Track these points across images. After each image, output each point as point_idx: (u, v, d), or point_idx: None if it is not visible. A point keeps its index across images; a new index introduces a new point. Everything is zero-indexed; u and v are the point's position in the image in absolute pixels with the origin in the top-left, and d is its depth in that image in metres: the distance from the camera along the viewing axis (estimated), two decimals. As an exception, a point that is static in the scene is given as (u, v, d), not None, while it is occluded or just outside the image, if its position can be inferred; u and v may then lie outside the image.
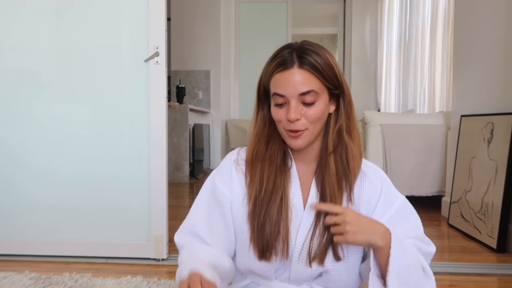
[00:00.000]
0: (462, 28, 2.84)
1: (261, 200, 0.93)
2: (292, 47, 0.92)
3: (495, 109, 2.43)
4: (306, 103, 0.89)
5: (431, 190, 3.19)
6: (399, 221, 0.96)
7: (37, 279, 1.73)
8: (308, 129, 0.91)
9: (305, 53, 0.89)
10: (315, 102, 0.90)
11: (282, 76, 0.89)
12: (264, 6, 6.29)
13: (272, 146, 0.96)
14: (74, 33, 2.06)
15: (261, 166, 0.95)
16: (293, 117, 0.88)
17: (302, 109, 0.90)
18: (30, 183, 2.09)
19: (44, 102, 2.09)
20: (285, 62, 0.90)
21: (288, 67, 0.89)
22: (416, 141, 3.22)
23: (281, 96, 0.90)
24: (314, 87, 0.89)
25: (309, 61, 0.89)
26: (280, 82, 0.90)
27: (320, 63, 0.89)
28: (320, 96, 0.90)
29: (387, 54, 5.70)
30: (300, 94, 0.89)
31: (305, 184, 0.96)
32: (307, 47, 0.91)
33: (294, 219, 0.93)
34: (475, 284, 1.76)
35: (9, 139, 2.09)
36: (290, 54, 0.90)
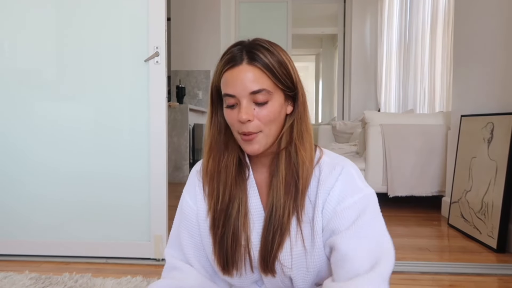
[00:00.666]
0: (462, 28, 2.84)
1: (219, 212, 0.89)
2: (243, 44, 0.86)
3: (495, 109, 2.43)
4: (258, 102, 0.83)
5: (431, 190, 3.19)
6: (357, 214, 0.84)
7: (37, 279, 1.73)
8: (263, 131, 0.84)
9: (255, 49, 0.84)
10: (268, 102, 0.83)
11: (231, 74, 0.83)
12: (264, 6, 6.29)
13: (227, 154, 0.90)
14: (74, 33, 2.06)
15: (217, 177, 0.90)
16: (244, 117, 0.81)
17: (255, 109, 0.83)
18: (30, 183, 2.09)
19: (44, 102, 2.09)
20: (233, 58, 0.83)
21: (237, 63, 0.83)
22: (416, 141, 3.22)
23: (231, 97, 0.83)
24: (265, 85, 0.82)
25: (259, 57, 0.83)
26: (230, 80, 0.83)
27: (272, 60, 0.83)
28: (273, 95, 0.84)
29: (387, 54, 5.70)
30: (250, 92, 0.82)
31: (263, 191, 0.92)
32: (257, 43, 0.86)
33: (254, 229, 0.89)
34: (475, 284, 1.76)
35: (9, 138, 2.09)
36: (240, 51, 0.84)
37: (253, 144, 0.85)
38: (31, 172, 2.09)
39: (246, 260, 0.89)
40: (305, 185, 0.87)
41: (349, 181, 0.87)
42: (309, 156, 0.87)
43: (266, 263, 0.87)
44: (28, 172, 2.09)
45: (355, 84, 6.41)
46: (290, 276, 0.88)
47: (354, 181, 0.87)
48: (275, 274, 0.88)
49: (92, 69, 2.06)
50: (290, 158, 0.87)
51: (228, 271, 0.89)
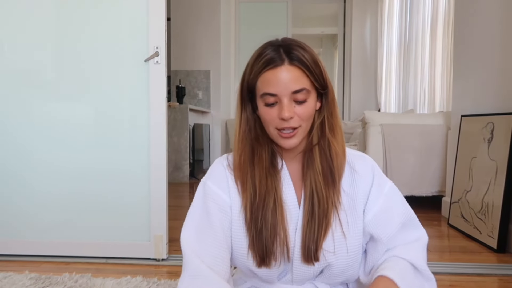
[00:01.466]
0: (462, 28, 2.84)
1: (256, 206, 0.91)
2: (277, 44, 0.89)
3: (495, 109, 2.43)
4: (298, 101, 0.87)
5: (431, 190, 3.19)
6: (390, 205, 0.96)
7: (37, 279, 1.73)
8: (301, 126, 0.89)
9: (293, 48, 0.87)
10: (306, 100, 0.88)
11: (272, 74, 0.86)
12: (264, 6, 6.29)
13: (259, 149, 0.93)
14: (74, 32, 2.06)
15: (251, 171, 0.92)
16: (287, 115, 0.86)
17: (294, 107, 0.87)
18: (30, 184, 2.09)
19: (45, 102, 2.08)
20: (273, 59, 0.86)
21: (278, 64, 0.86)
22: (416, 141, 3.22)
23: (272, 96, 0.87)
24: (305, 85, 0.87)
25: (298, 57, 0.86)
26: (270, 80, 0.86)
27: (308, 59, 0.87)
28: (310, 93, 0.88)
29: (387, 54, 5.70)
30: (292, 92, 0.86)
31: (297, 182, 0.95)
32: (292, 43, 0.89)
33: (291, 220, 0.92)
34: (475, 284, 1.76)
35: (9, 138, 2.09)
36: (277, 51, 0.87)
37: (292, 139, 0.89)
38: (31, 172, 2.09)
39: (284, 251, 0.91)
40: (340, 176, 0.93)
41: (379, 171, 0.98)
42: (341, 148, 0.93)
43: (309, 252, 0.90)
44: (28, 172, 2.09)
45: (355, 84, 6.41)
46: (331, 262, 0.92)
47: (381, 172, 1.00)
48: (318, 261, 0.91)
49: (92, 69, 2.06)
50: (324, 151, 0.92)
51: (266, 263, 0.91)
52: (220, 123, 5.75)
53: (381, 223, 0.94)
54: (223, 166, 0.97)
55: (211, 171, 0.98)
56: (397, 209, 0.97)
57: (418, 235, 1.01)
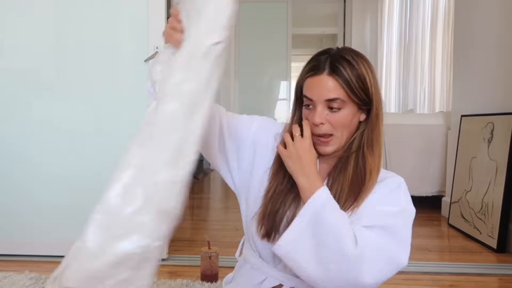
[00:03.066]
0: (462, 28, 2.84)
1: (281, 190, 0.96)
2: (329, 53, 0.94)
3: (495, 109, 2.43)
4: (331, 108, 0.92)
5: (431, 190, 3.19)
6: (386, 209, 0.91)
7: (37, 279, 1.73)
8: (334, 135, 0.93)
9: (338, 62, 0.92)
10: (340, 109, 0.92)
11: (312, 80, 0.93)
12: (264, 6, 6.28)
13: None
14: (74, 32, 2.06)
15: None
16: (317, 120, 0.91)
17: (328, 114, 0.92)
18: (30, 183, 2.09)
19: (44, 102, 2.08)
20: (317, 67, 0.93)
21: (319, 72, 0.92)
22: (416, 141, 3.22)
23: (309, 99, 0.94)
24: (340, 95, 0.91)
25: (340, 70, 0.91)
26: (310, 86, 0.93)
27: (351, 74, 0.91)
28: (346, 104, 0.92)
29: (387, 54, 5.70)
30: (326, 100, 0.91)
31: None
32: (343, 55, 0.93)
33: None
34: (475, 284, 1.76)
35: (9, 138, 2.09)
36: (324, 61, 0.93)
37: (327, 146, 0.94)
38: (31, 172, 2.09)
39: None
40: (366, 193, 0.93)
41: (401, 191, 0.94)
42: (376, 165, 0.94)
43: None
44: (28, 172, 2.09)
45: (355, 84, 6.41)
46: None
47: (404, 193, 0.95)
48: None
49: (92, 69, 2.06)
50: (358, 162, 0.94)
51: (269, 237, 0.95)
52: (220, 123, 5.74)
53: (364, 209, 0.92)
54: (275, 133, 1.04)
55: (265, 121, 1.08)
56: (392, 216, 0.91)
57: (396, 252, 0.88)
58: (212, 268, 1.76)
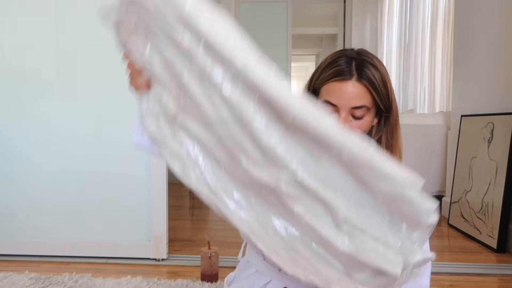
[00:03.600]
0: (462, 28, 2.84)
1: None
2: (350, 56, 0.90)
3: (495, 109, 2.43)
4: (355, 116, 0.89)
5: (431, 190, 3.19)
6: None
7: (37, 279, 1.73)
8: None
9: (365, 66, 0.88)
10: (363, 117, 0.89)
11: (338, 86, 0.88)
12: (264, 6, 6.28)
13: None
14: (74, 32, 2.06)
15: None
16: None
17: (351, 121, 0.89)
18: (30, 183, 2.09)
19: (43, 103, 2.08)
20: (343, 72, 0.88)
21: (346, 78, 0.87)
22: (416, 141, 3.22)
23: (332, 105, 0.89)
24: (367, 103, 0.88)
25: (368, 75, 0.87)
26: (334, 91, 0.88)
27: (378, 79, 0.88)
28: (370, 111, 0.90)
29: (387, 54, 5.70)
30: (352, 107, 0.88)
31: None
32: (366, 58, 0.89)
33: None
34: (475, 284, 1.76)
35: (9, 138, 2.09)
36: (349, 65, 0.88)
37: None
38: (31, 172, 2.09)
39: None
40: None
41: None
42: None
43: None
44: (28, 172, 2.09)
45: (355, 84, 6.41)
46: None
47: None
48: None
49: (92, 69, 2.06)
50: None
51: None
52: (220, 123, 5.74)
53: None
54: None
55: None
56: None
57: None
58: (212, 268, 1.76)
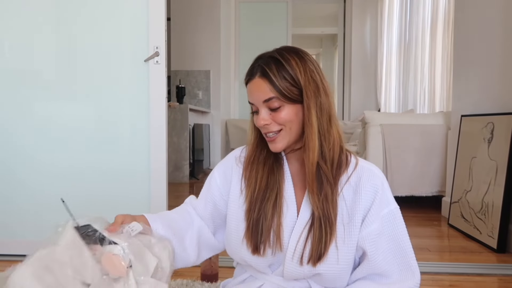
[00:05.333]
0: (462, 28, 2.84)
1: (255, 198, 0.96)
2: (263, 57, 0.95)
3: (495, 109, 2.43)
4: (272, 108, 0.92)
5: (431, 190, 3.19)
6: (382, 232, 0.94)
7: (37, 279, 1.73)
8: (283, 129, 0.93)
9: (268, 63, 0.93)
10: (281, 107, 0.92)
11: (249, 87, 0.95)
12: (264, 6, 6.29)
13: (266, 149, 1.00)
14: (74, 33, 2.06)
15: (256, 168, 0.99)
16: (261, 123, 0.93)
17: (271, 114, 0.93)
18: (30, 183, 2.09)
19: (46, 102, 2.09)
20: (249, 73, 0.95)
21: (252, 77, 0.94)
22: (416, 141, 3.22)
23: (251, 104, 0.95)
24: (274, 94, 0.91)
25: (265, 70, 0.92)
26: (249, 91, 0.96)
27: (277, 75, 0.91)
28: (284, 102, 0.92)
29: (387, 54, 5.70)
30: (263, 101, 0.92)
31: (298, 184, 0.99)
32: (272, 55, 0.94)
33: (287, 216, 0.95)
34: (475, 284, 1.76)
35: (8, 138, 2.09)
36: (254, 65, 0.95)
37: (276, 143, 0.94)
38: (31, 172, 2.09)
39: (277, 243, 0.94)
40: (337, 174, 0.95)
41: (386, 190, 0.96)
42: (311, 147, 0.92)
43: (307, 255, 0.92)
44: (28, 172, 2.09)
45: (355, 84, 6.41)
46: (320, 271, 0.92)
47: (389, 192, 0.98)
48: (310, 265, 0.92)
49: (92, 69, 2.06)
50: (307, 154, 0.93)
51: (259, 252, 0.94)
52: (220, 123, 5.75)
53: (373, 242, 0.93)
54: (233, 157, 1.06)
55: (224, 158, 1.09)
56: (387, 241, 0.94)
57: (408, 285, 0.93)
58: (212, 268, 1.76)
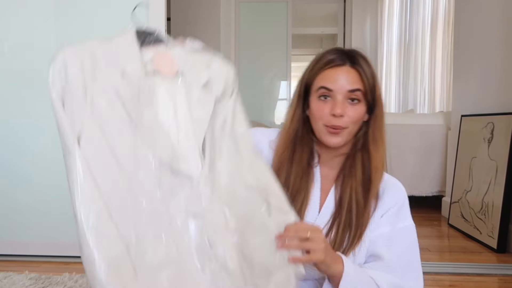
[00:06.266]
0: (462, 28, 2.84)
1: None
2: (340, 50, 0.94)
3: (495, 109, 2.43)
4: (352, 99, 0.91)
5: (431, 190, 3.19)
6: (395, 241, 0.95)
7: (37, 279, 1.73)
8: (348, 128, 0.92)
9: (355, 55, 0.93)
10: (359, 102, 0.92)
11: (333, 72, 0.92)
12: (264, 6, 6.28)
13: (301, 147, 0.97)
14: (74, 33, 2.06)
15: (288, 167, 0.96)
16: (339, 112, 0.89)
17: (347, 107, 0.91)
18: (30, 183, 2.09)
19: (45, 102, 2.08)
20: (335, 60, 0.92)
21: (340, 64, 0.92)
22: (416, 141, 3.22)
23: (328, 90, 0.92)
24: (361, 87, 0.92)
25: (359, 62, 0.92)
26: (330, 76, 0.92)
27: (367, 70, 0.92)
28: (362, 100, 0.93)
29: (387, 54, 5.70)
30: (348, 90, 0.91)
31: (324, 188, 0.98)
32: (356, 51, 0.94)
33: (308, 216, 0.96)
34: (475, 284, 1.76)
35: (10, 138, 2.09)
36: (341, 54, 0.93)
37: (337, 137, 0.92)
38: (31, 172, 2.09)
39: None
40: (374, 191, 0.94)
41: (404, 207, 0.98)
42: (381, 162, 0.95)
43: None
44: (28, 172, 2.09)
45: (355, 84, 6.41)
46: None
47: (408, 209, 0.98)
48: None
49: (92, 69, 2.06)
50: (364, 162, 0.94)
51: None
52: (220, 123, 5.74)
53: (386, 246, 0.94)
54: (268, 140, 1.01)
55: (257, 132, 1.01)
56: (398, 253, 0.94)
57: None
58: (212, 268, 1.76)
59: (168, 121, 0.76)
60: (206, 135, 0.79)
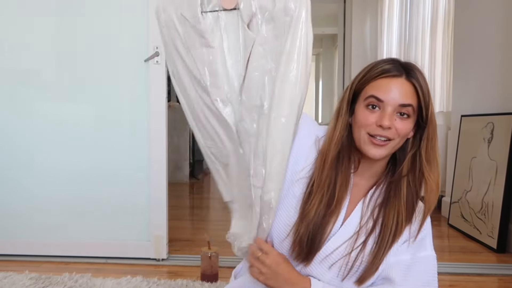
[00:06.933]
0: (462, 28, 2.84)
1: (325, 203, 0.92)
2: (398, 62, 0.92)
3: (495, 109, 2.43)
4: (401, 114, 0.88)
5: (431, 190, 3.18)
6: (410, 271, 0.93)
7: (37, 279, 1.73)
8: (394, 140, 0.89)
9: (412, 69, 0.90)
10: (409, 118, 0.89)
11: (387, 82, 0.88)
12: (264, 6, 6.28)
13: (344, 155, 0.94)
14: (74, 33, 2.06)
15: (333, 175, 0.93)
16: (387, 124, 0.86)
17: (395, 120, 0.88)
18: (30, 183, 2.09)
19: (45, 102, 2.08)
20: (391, 70, 0.89)
21: (396, 75, 0.89)
22: (416, 141, 3.21)
23: (378, 100, 0.88)
24: (414, 103, 0.88)
25: (417, 76, 0.89)
26: (383, 87, 0.88)
27: (423, 84, 0.89)
28: (412, 116, 0.89)
29: (387, 54, 5.69)
30: (400, 104, 0.87)
31: (353, 199, 0.95)
32: (414, 64, 0.92)
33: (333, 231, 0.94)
34: (475, 284, 1.76)
35: (7, 138, 2.09)
36: (397, 65, 0.90)
37: (381, 149, 0.89)
38: (31, 173, 2.09)
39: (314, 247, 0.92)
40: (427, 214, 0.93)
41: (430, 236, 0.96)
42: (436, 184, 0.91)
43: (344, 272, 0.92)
44: (28, 173, 2.09)
45: (355, 84, 6.41)
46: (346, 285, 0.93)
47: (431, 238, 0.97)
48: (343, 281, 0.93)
49: (92, 69, 2.06)
50: (412, 184, 0.92)
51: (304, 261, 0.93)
52: (220, 123, 5.74)
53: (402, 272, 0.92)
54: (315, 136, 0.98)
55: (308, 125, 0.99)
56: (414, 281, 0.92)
57: None
58: (212, 268, 1.76)
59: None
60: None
